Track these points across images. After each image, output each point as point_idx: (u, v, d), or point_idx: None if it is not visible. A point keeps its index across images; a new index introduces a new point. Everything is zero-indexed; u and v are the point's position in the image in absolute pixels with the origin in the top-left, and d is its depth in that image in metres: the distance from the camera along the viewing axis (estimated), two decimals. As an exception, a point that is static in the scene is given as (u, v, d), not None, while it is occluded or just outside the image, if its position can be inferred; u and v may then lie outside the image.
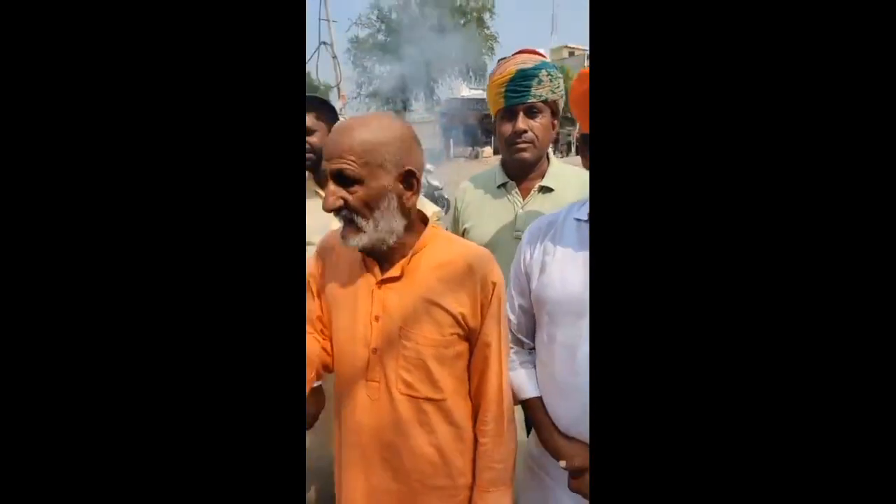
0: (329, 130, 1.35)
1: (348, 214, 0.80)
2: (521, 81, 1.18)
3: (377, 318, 0.84)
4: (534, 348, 0.99)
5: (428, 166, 10.13)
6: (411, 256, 0.86)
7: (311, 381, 0.90)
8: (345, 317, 0.88)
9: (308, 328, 0.93)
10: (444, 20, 21.59)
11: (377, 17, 22.40)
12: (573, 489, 0.88)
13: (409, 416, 0.84)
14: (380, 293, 0.85)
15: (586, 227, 0.90)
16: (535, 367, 0.97)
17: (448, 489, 0.88)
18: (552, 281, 0.91)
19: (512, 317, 0.99)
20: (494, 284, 0.86)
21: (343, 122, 0.85)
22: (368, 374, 0.85)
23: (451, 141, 20.73)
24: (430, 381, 0.84)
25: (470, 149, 21.01)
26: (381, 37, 22.25)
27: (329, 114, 1.44)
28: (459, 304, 0.84)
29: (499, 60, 1.27)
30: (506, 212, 1.28)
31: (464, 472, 0.90)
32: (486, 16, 22.77)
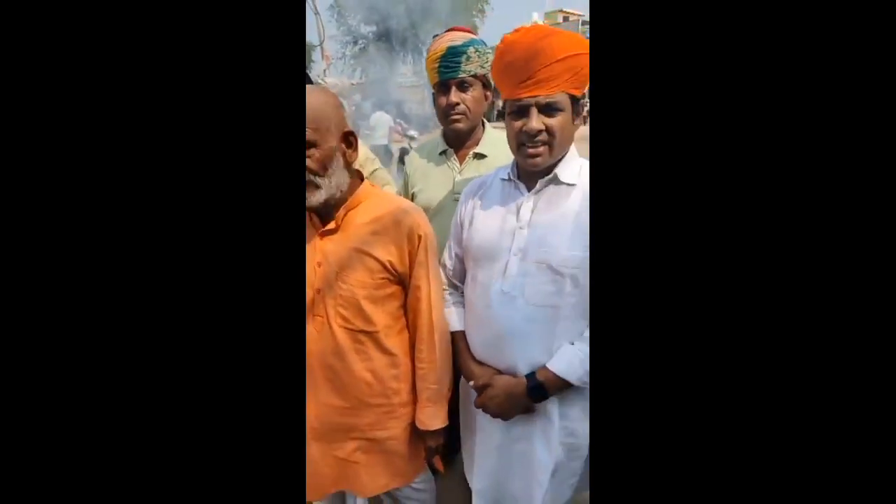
0: None
1: (308, 175, 0.93)
2: (451, 58, 1.31)
3: (319, 265, 1.01)
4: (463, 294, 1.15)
5: (412, 132, 10.06)
6: (346, 212, 1.01)
7: None
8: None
9: None
10: (433, -22, 20.78)
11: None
12: (477, 405, 1.07)
13: (346, 345, 1.02)
14: (321, 243, 1.01)
15: (509, 185, 1.05)
16: (464, 307, 1.13)
17: (384, 406, 1.07)
18: (476, 230, 1.06)
19: (448, 263, 1.15)
20: (420, 237, 1.02)
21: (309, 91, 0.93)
22: (314, 310, 1.02)
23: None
24: (362, 317, 1.01)
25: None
26: (365, -5, 21.44)
27: None
28: (388, 254, 1.00)
29: (433, 37, 1.38)
30: (446, 177, 1.43)
31: (398, 392, 1.08)
32: (476, -27, 21.95)
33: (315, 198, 0.96)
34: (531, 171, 1.00)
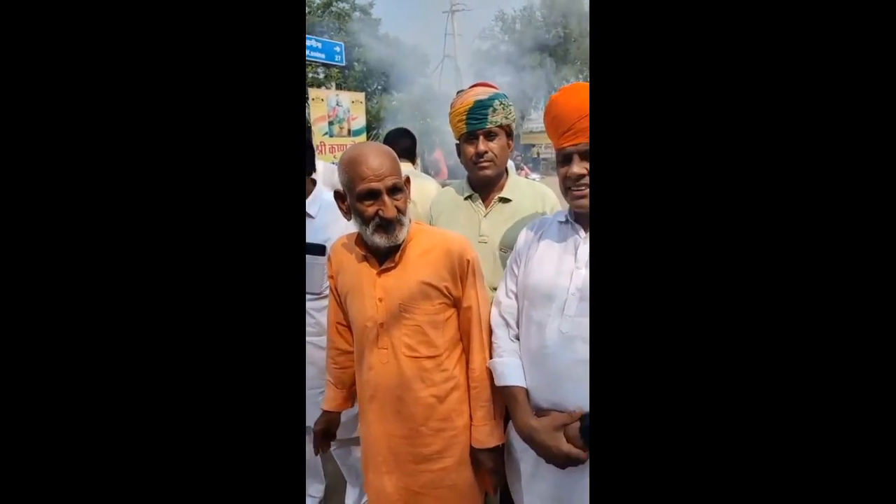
0: None
1: (399, 217, 1.07)
2: (479, 110, 1.40)
3: (381, 300, 1.10)
4: (518, 337, 1.15)
5: (533, 176, 10.20)
6: (403, 248, 1.11)
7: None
8: (356, 301, 1.15)
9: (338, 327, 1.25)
10: (571, 27, 21.24)
11: (501, 30, 23.01)
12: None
13: (412, 373, 1.09)
14: (380, 280, 1.11)
15: (566, 226, 1.11)
16: (518, 355, 1.12)
17: (447, 430, 1.12)
18: (533, 269, 1.11)
19: (504, 300, 1.18)
20: (468, 261, 1.12)
21: (368, 147, 1.07)
22: (379, 343, 1.11)
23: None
24: (427, 343, 1.10)
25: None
26: (503, 48, 22.79)
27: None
28: (443, 279, 1.10)
29: (458, 92, 1.49)
30: (471, 220, 1.50)
31: (461, 414, 1.14)
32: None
33: (401, 235, 1.08)
34: (582, 213, 1.06)
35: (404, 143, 2.18)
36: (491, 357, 1.15)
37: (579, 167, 1.01)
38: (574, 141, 1.01)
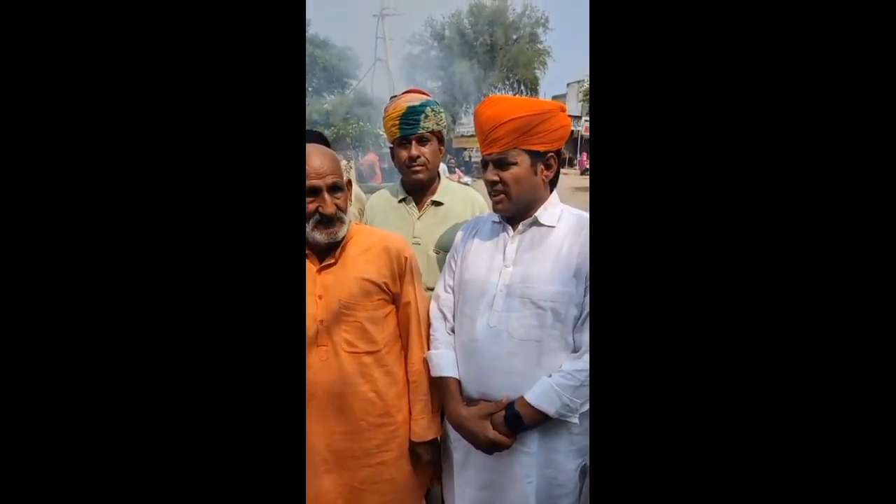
0: None
1: (339, 214, 1.09)
2: (411, 116, 1.45)
3: (320, 297, 1.12)
4: (453, 329, 1.20)
5: (465, 178, 10.45)
6: (343, 246, 1.14)
7: None
8: None
9: None
10: (497, 36, 22.00)
11: (430, 35, 23.30)
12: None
13: (352, 369, 1.11)
14: (320, 277, 1.13)
15: (498, 226, 1.16)
16: (453, 347, 1.18)
17: (388, 425, 1.15)
18: (467, 266, 1.17)
19: (442, 294, 1.24)
20: (406, 258, 1.18)
21: (312, 148, 1.10)
22: (318, 340, 1.11)
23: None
24: (366, 338, 1.12)
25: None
26: (433, 53, 23.08)
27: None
28: (382, 276, 1.14)
29: (391, 98, 1.54)
30: (405, 222, 1.54)
31: (400, 410, 1.17)
32: (540, 30, 23.01)
33: (341, 233, 1.11)
34: (507, 216, 1.12)
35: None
36: (429, 349, 1.20)
37: (492, 174, 1.08)
38: (489, 150, 1.08)
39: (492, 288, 1.09)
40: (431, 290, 1.31)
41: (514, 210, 1.10)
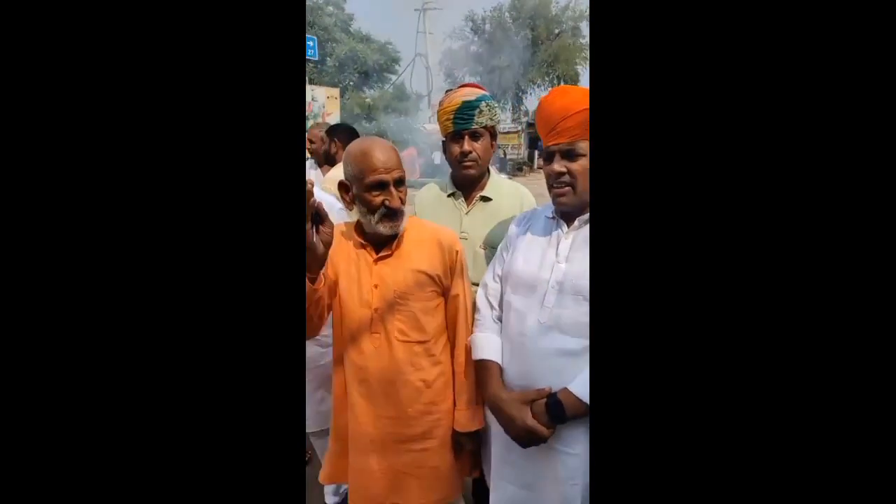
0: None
1: (401, 207, 1.12)
2: (466, 111, 1.45)
3: (376, 286, 1.15)
4: (500, 318, 1.20)
5: (502, 175, 10.51)
6: (400, 238, 1.17)
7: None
8: (349, 286, 1.18)
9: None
10: (539, 30, 21.66)
11: (471, 30, 23.18)
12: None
13: (403, 357, 1.15)
14: (377, 268, 1.16)
15: (552, 222, 1.16)
16: (498, 334, 1.18)
17: (433, 413, 1.19)
18: (517, 258, 1.16)
19: (490, 283, 1.24)
20: (457, 252, 1.22)
21: (375, 142, 1.13)
22: (372, 328, 1.16)
23: (537, 152, 20.73)
24: (418, 328, 1.16)
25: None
26: (473, 48, 22.99)
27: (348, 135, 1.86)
28: (435, 269, 1.18)
29: (446, 91, 1.55)
30: (453, 217, 1.55)
31: (445, 399, 1.21)
32: (583, 24, 22.48)
33: (402, 225, 1.14)
34: (565, 210, 1.11)
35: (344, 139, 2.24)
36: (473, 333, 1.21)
37: (559, 165, 1.06)
38: (556, 140, 1.06)
39: (543, 284, 1.08)
40: (477, 285, 1.32)
41: (577, 204, 1.08)
